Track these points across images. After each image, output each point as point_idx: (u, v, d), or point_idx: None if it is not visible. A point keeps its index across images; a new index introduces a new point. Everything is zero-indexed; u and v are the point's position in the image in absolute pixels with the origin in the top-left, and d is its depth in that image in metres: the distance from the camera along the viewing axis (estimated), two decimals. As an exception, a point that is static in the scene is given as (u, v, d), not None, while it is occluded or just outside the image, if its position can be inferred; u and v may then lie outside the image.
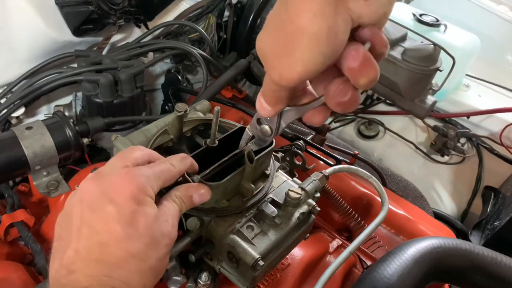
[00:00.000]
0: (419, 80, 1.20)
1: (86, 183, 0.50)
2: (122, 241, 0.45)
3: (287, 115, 0.51)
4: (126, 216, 0.46)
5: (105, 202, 0.47)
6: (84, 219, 0.46)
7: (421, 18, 1.55)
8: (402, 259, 0.74)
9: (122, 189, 0.48)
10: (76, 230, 0.46)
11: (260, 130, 0.55)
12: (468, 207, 1.71)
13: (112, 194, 0.47)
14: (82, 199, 0.48)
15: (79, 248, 0.45)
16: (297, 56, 0.39)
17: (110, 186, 0.48)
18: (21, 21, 1.09)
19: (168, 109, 1.48)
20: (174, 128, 0.72)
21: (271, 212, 0.65)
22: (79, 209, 0.47)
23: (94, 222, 0.46)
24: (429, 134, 1.75)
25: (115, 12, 1.15)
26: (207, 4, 1.41)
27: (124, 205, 0.47)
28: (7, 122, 1.12)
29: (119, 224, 0.46)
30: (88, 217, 0.46)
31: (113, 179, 0.49)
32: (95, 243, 0.45)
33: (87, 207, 0.47)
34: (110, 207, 0.46)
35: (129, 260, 0.46)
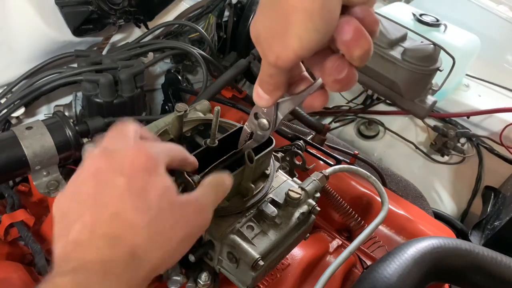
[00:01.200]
0: (419, 80, 1.20)
1: (92, 160, 0.47)
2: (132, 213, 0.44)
3: (284, 105, 0.51)
4: (137, 187, 0.45)
5: (115, 175, 0.45)
6: (94, 194, 0.44)
7: (421, 18, 1.55)
8: (402, 259, 0.74)
9: (132, 161, 0.46)
10: (85, 205, 0.44)
11: (258, 124, 0.55)
12: (468, 207, 1.71)
13: (122, 168, 0.45)
14: (90, 175, 0.46)
15: (87, 221, 0.43)
16: (291, 34, 0.39)
17: (119, 160, 0.46)
18: (21, 21, 1.09)
19: (168, 109, 1.48)
20: (174, 128, 0.72)
21: (271, 212, 0.65)
22: (86, 187, 0.45)
23: (104, 196, 0.44)
24: (429, 134, 1.75)
25: (115, 12, 1.15)
26: (207, 4, 1.41)
27: (135, 176, 0.45)
28: (7, 122, 1.12)
29: (130, 195, 0.44)
30: (97, 192, 0.44)
31: (123, 153, 0.47)
32: (103, 215, 0.43)
33: (97, 183, 0.45)
34: (120, 179, 0.45)
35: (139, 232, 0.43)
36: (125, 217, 0.43)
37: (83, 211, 0.44)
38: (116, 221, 0.43)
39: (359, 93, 1.86)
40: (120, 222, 0.43)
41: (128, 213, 0.44)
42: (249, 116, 0.56)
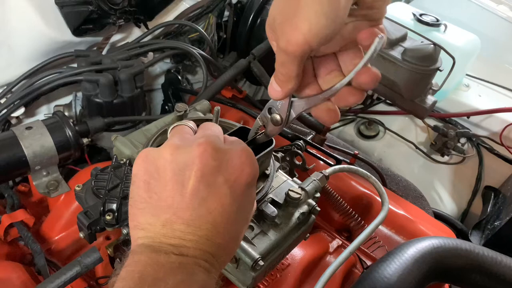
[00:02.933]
0: (419, 80, 1.20)
1: (199, 147, 0.46)
2: (230, 226, 0.46)
3: (298, 104, 0.52)
4: (238, 201, 0.46)
5: (221, 180, 0.45)
6: (196, 190, 0.44)
7: (421, 18, 1.55)
8: (402, 259, 0.74)
9: (239, 172, 0.46)
10: (182, 195, 0.44)
11: (271, 119, 0.55)
12: (468, 207, 1.71)
13: (229, 175, 0.46)
14: (196, 164, 0.45)
15: (186, 217, 0.43)
16: (301, 17, 0.40)
17: (227, 164, 0.46)
18: (21, 21, 1.09)
19: (168, 109, 1.48)
20: (174, 128, 0.72)
21: (271, 212, 0.65)
22: (189, 174, 0.44)
23: (208, 198, 0.44)
24: (429, 134, 1.75)
25: (115, 12, 1.15)
26: (207, 4, 1.41)
27: (238, 191, 0.46)
28: (7, 122, 1.12)
29: (231, 208, 0.45)
30: (201, 190, 0.44)
31: (231, 158, 0.47)
32: (207, 221, 0.44)
33: (202, 177, 0.44)
34: (225, 187, 0.45)
35: (231, 243, 0.47)
36: (225, 228, 0.45)
37: (181, 201, 0.44)
38: (218, 230, 0.45)
39: (359, 93, 1.86)
40: (221, 232, 0.45)
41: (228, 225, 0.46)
42: (263, 109, 0.56)
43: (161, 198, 0.44)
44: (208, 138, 0.47)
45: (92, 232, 0.73)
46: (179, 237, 0.43)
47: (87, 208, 0.73)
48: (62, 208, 1.00)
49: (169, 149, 0.46)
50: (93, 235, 0.73)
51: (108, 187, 0.73)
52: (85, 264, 0.71)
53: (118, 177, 0.76)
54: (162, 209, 0.44)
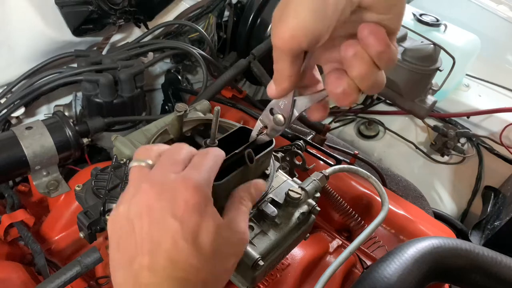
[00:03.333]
0: (419, 80, 1.20)
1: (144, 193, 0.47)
2: (191, 255, 0.45)
3: (300, 103, 0.51)
4: (191, 230, 0.45)
5: (168, 217, 0.45)
6: (149, 236, 0.45)
7: (421, 18, 1.55)
8: (402, 259, 0.74)
9: (183, 202, 0.46)
10: (140, 245, 0.45)
11: (273, 119, 0.55)
12: (468, 207, 1.71)
13: (174, 208, 0.46)
14: (142, 212, 0.46)
15: (146, 264, 0.45)
16: (289, 13, 0.40)
17: (170, 199, 0.46)
18: (21, 21, 1.09)
19: (168, 109, 1.48)
20: (174, 128, 0.72)
21: (271, 212, 0.65)
22: (141, 225, 0.46)
23: (161, 239, 0.45)
24: (429, 134, 1.75)
25: (115, 12, 1.15)
26: (207, 4, 1.41)
27: (187, 220, 0.45)
28: (7, 122, 1.12)
29: (185, 242, 0.45)
30: (153, 233, 0.45)
31: (173, 189, 0.47)
32: (164, 259, 0.44)
33: (150, 223, 0.46)
34: (173, 222, 0.45)
35: (200, 273, 0.46)
36: (186, 262, 0.45)
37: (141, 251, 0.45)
38: (178, 265, 0.45)
39: (359, 93, 1.86)
40: (182, 268, 0.45)
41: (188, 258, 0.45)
42: (264, 110, 0.56)
43: (129, 253, 0.46)
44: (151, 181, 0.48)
45: (92, 232, 0.73)
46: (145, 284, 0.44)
47: (87, 208, 0.73)
48: (62, 208, 1.00)
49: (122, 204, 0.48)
50: (93, 235, 0.73)
51: (108, 187, 0.73)
52: (85, 264, 0.71)
53: (118, 177, 0.76)
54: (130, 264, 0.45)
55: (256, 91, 1.97)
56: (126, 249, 0.46)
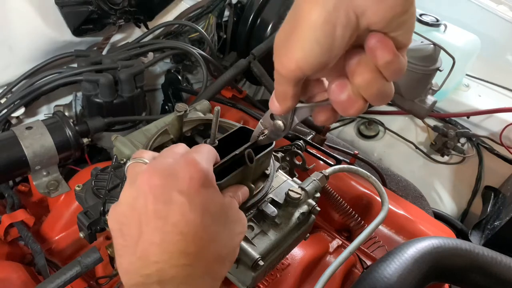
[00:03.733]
0: (419, 80, 1.20)
1: (144, 175, 0.47)
2: (201, 230, 0.45)
3: (302, 111, 0.51)
4: (199, 204, 0.46)
5: (174, 193, 0.45)
6: (156, 212, 0.45)
7: (421, 18, 1.55)
8: (402, 259, 0.74)
9: (188, 178, 0.46)
10: (146, 223, 0.45)
11: (274, 125, 0.55)
12: (468, 207, 1.71)
13: (179, 185, 0.46)
14: (146, 192, 0.46)
15: (155, 240, 0.44)
16: (295, 43, 0.40)
17: (174, 176, 0.46)
18: (21, 21, 1.09)
19: (168, 109, 1.48)
20: (174, 128, 0.72)
21: (271, 212, 0.65)
22: (144, 203, 0.45)
23: (169, 214, 0.45)
24: (429, 134, 1.75)
25: (115, 12, 1.16)
26: (207, 4, 1.41)
27: (194, 194, 0.46)
28: (7, 122, 1.12)
29: (194, 213, 0.45)
30: (160, 210, 0.45)
31: (175, 168, 0.47)
32: (174, 234, 0.44)
33: (155, 200, 0.45)
34: (181, 197, 0.45)
35: (210, 249, 0.46)
36: (196, 234, 0.45)
37: (148, 229, 0.45)
38: (188, 239, 0.44)
39: (359, 93, 1.86)
40: (192, 240, 0.45)
41: (198, 231, 0.45)
42: (265, 114, 0.55)
43: (133, 236, 0.46)
44: (150, 165, 0.49)
45: (92, 232, 0.73)
46: (155, 261, 0.44)
47: (87, 208, 0.73)
48: (62, 208, 1.00)
49: (124, 194, 0.48)
50: (93, 235, 0.73)
51: (108, 187, 0.73)
52: (85, 264, 0.72)
53: (118, 177, 0.76)
54: (136, 245, 0.45)
55: (256, 91, 1.97)
56: (130, 232, 0.46)
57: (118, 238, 0.47)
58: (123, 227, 0.47)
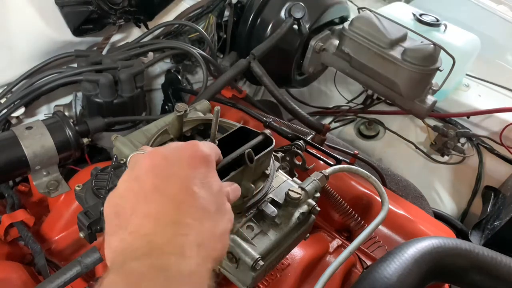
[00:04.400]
0: (419, 80, 1.20)
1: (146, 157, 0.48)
2: (197, 201, 0.45)
3: None
4: (198, 179, 0.46)
5: (175, 168, 0.46)
6: (155, 186, 0.45)
7: (421, 18, 1.55)
8: (402, 259, 0.74)
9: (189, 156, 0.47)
10: (144, 197, 0.45)
11: None
12: (468, 207, 1.71)
13: (181, 162, 0.46)
14: (147, 170, 0.46)
15: (150, 212, 0.43)
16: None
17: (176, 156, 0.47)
18: (21, 21, 1.09)
19: (168, 109, 1.48)
20: (174, 128, 0.72)
21: (271, 212, 0.65)
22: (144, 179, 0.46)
23: (167, 187, 0.45)
24: (429, 134, 1.75)
25: (115, 12, 1.16)
26: (207, 4, 1.41)
27: (195, 169, 0.46)
28: (7, 122, 1.12)
29: (192, 185, 0.45)
30: (159, 184, 0.45)
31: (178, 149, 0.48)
32: (170, 204, 0.44)
33: (156, 175, 0.46)
34: (182, 171, 0.46)
35: (204, 222, 0.45)
36: (192, 205, 0.44)
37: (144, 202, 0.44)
38: (183, 209, 0.44)
39: (359, 93, 1.86)
40: (187, 210, 0.44)
41: (195, 202, 0.45)
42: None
43: (127, 212, 0.45)
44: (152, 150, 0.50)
45: (92, 232, 0.73)
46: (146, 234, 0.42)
47: (87, 208, 0.73)
48: (62, 208, 1.00)
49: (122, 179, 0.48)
50: (93, 235, 0.73)
51: (108, 187, 0.73)
52: (85, 264, 0.71)
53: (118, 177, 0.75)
54: (129, 221, 0.44)
55: (256, 91, 1.97)
56: (125, 211, 0.45)
57: (112, 220, 0.46)
58: (118, 208, 0.46)
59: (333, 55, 1.38)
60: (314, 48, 1.39)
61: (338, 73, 1.79)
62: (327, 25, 1.44)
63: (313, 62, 1.45)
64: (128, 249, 0.42)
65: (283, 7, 1.38)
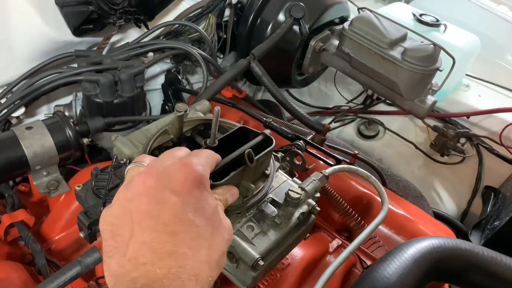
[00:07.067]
0: (419, 80, 1.20)
1: (140, 177, 0.48)
2: (192, 229, 0.45)
3: None
4: (191, 204, 0.46)
5: (167, 193, 0.46)
6: (148, 212, 0.45)
7: (421, 18, 1.55)
8: (402, 259, 0.74)
9: (182, 179, 0.47)
10: (138, 223, 0.45)
11: None
12: (468, 207, 1.71)
13: (173, 185, 0.46)
14: (140, 193, 0.46)
15: (146, 240, 0.43)
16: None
17: (169, 177, 0.47)
18: (21, 21, 1.09)
19: (168, 109, 1.48)
20: (174, 128, 0.72)
21: (271, 212, 0.65)
22: (138, 204, 0.46)
23: (161, 214, 0.45)
24: (429, 134, 1.75)
25: (115, 12, 1.16)
26: (207, 4, 1.41)
27: (188, 194, 0.46)
28: (7, 122, 1.12)
29: (187, 213, 0.45)
30: (152, 210, 0.45)
31: (170, 170, 0.48)
32: (165, 234, 0.44)
33: (149, 200, 0.46)
34: (174, 197, 0.45)
35: (200, 250, 0.45)
36: (187, 233, 0.45)
37: (139, 229, 0.44)
38: (179, 239, 0.44)
39: (359, 93, 1.86)
40: (182, 240, 0.44)
41: (190, 229, 0.45)
42: None
43: (124, 237, 0.45)
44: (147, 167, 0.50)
45: (92, 232, 0.73)
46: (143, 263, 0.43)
47: (87, 208, 0.73)
48: (62, 208, 1.00)
49: (117, 197, 0.48)
50: (93, 235, 0.74)
51: (108, 187, 0.73)
52: (85, 264, 0.72)
53: (118, 177, 0.76)
54: (127, 246, 0.44)
55: (256, 91, 1.97)
56: (122, 233, 0.45)
57: (109, 240, 0.46)
58: (114, 228, 0.46)
59: (333, 55, 1.38)
60: (314, 48, 1.39)
61: (338, 73, 1.79)
62: (327, 25, 1.44)
63: (313, 62, 1.45)
64: (127, 276, 0.43)
65: (283, 7, 1.38)
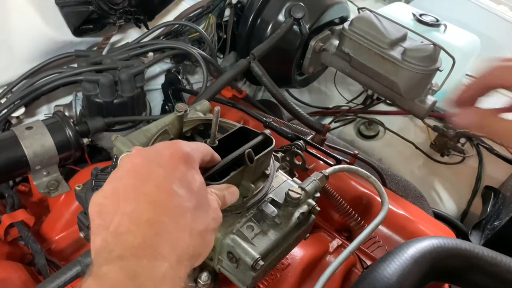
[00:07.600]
0: (419, 80, 1.20)
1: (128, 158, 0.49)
2: (173, 198, 0.45)
3: None
4: (176, 176, 0.46)
5: (153, 166, 0.46)
6: (133, 185, 0.45)
7: (421, 18, 1.55)
8: (402, 259, 0.74)
9: (168, 154, 0.48)
10: (123, 197, 0.45)
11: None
12: (468, 207, 1.71)
13: (159, 160, 0.47)
14: (128, 170, 0.47)
15: (127, 211, 0.43)
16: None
17: (156, 154, 0.48)
18: (21, 21, 1.09)
19: (168, 109, 1.48)
20: (174, 128, 0.72)
21: (271, 212, 0.65)
22: (125, 180, 0.46)
23: (144, 186, 0.45)
24: (429, 134, 1.75)
25: (115, 12, 1.16)
26: (207, 4, 1.41)
27: (173, 168, 0.47)
28: (7, 122, 1.12)
29: (169, 184, 0.45)
30: (136, 183, 0.45)
31: (158, 148, 0.49)
32: (145, 203, 0.44)
33: (135, 174, 0.46)
34: (159, 169, 0.46)
35: (180, 219, 0.44)
36: (169, 203, 0.44)
37: (123, 202, 0.44)
38: (158, 208, 0.44)
39: (359, 93, 1.86)
40: (162, 209, 0.44)
41: (172, 200, 0.45)
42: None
43: (110, 213, 0.44)
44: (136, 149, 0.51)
45: (92, 232, 0.73)
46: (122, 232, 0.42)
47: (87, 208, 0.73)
48: (62, 208, 1.00)
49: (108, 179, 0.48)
50: (93, 235, 0.73)
51: (108, 187, 0.73)
52: (85, 264, 0.71)
53: (118, 177, 0.76)
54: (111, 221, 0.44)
55: (256, 91, 1.97)
56: (108, 210, 0.45)
57: (96, 219, 0.46)
58: (101, 208, 0.46)
59: (333, 55, 1.38)
60: (314, 48, 1.39)
61: (338, 73, 1.79)
62: (327, 25, 1.44)
63: (313, 62, 1.45)
64: (106, 248, 0.42)
65: (283, 7, 1.38)
